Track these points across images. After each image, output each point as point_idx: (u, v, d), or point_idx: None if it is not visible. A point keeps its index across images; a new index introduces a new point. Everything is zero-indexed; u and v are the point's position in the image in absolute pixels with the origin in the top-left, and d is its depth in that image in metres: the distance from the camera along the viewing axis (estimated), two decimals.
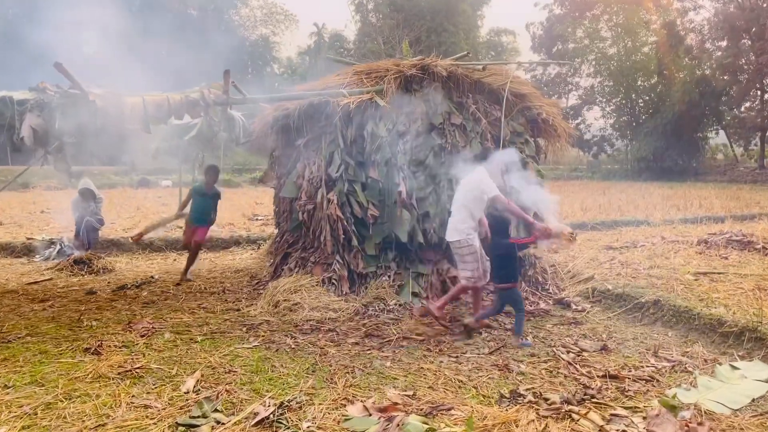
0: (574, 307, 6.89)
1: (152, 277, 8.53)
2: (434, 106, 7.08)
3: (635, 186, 28.53)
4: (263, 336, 5.78)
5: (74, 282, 8.40)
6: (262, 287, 7.71)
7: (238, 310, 6.81)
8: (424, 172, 7.02)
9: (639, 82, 43.29)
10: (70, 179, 13.85)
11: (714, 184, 29.30)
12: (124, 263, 9.87)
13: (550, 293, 7.43)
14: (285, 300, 6.58)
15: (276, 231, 8.93)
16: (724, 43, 38.08)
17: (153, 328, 5.99)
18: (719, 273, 7.87)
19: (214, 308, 6.85)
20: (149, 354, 5.19)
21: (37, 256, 10.31)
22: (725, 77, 37.27)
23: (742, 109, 39.17)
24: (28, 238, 11.18)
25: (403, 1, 47.97)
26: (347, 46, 50.55)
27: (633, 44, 43.11)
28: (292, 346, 5.48)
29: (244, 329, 6.02)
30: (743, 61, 36.92)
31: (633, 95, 43.85)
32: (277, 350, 5.36)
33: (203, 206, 8.38)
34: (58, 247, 10.33)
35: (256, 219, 15.30)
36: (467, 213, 5.84)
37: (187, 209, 8.55)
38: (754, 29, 34.92)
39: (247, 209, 17.42)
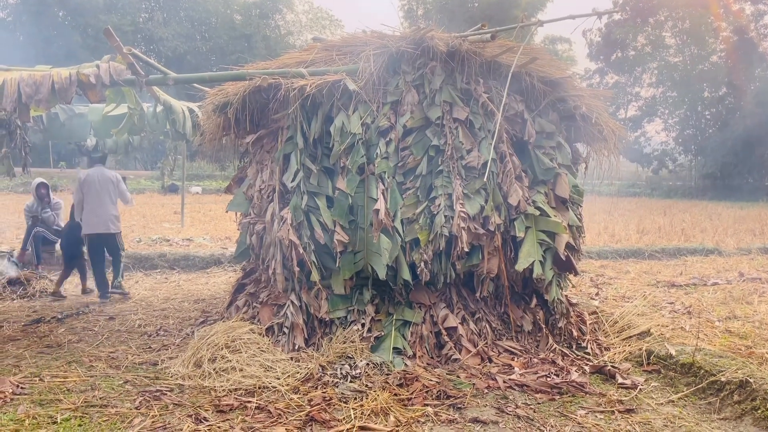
0: (620, 380, 4.83)
1: (87, 306, 6.87)
2: (431, 95, 5.18)
3: (700, 205, 25.78)
4: (155, 416, 3.98)
5: None
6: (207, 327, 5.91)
7: (156, 364, 5.03)
8: (413, 183, 5.13)
9: (706, 93, 40.04)
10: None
11: None
12: (75, 284, 8.25)
13: (588, 354, 5.40)
14: (211, 357, 4.76)
15: None
16: None
17: (13, 393, 4.27)
18: None
19: (125, 360, 5.10)
20: None
21: None
22: None
23: None
24: None
25: (454, 7, 46.17)
26: None
27: (699, 52, 39.95)
28: None
29: (139, 400, 4.23)
30: None
31: (699, 107, 40.59)
32: None
33: None
34: (5, 262, 8.81)
35: None
36: None
37: None
38: None
39: None
